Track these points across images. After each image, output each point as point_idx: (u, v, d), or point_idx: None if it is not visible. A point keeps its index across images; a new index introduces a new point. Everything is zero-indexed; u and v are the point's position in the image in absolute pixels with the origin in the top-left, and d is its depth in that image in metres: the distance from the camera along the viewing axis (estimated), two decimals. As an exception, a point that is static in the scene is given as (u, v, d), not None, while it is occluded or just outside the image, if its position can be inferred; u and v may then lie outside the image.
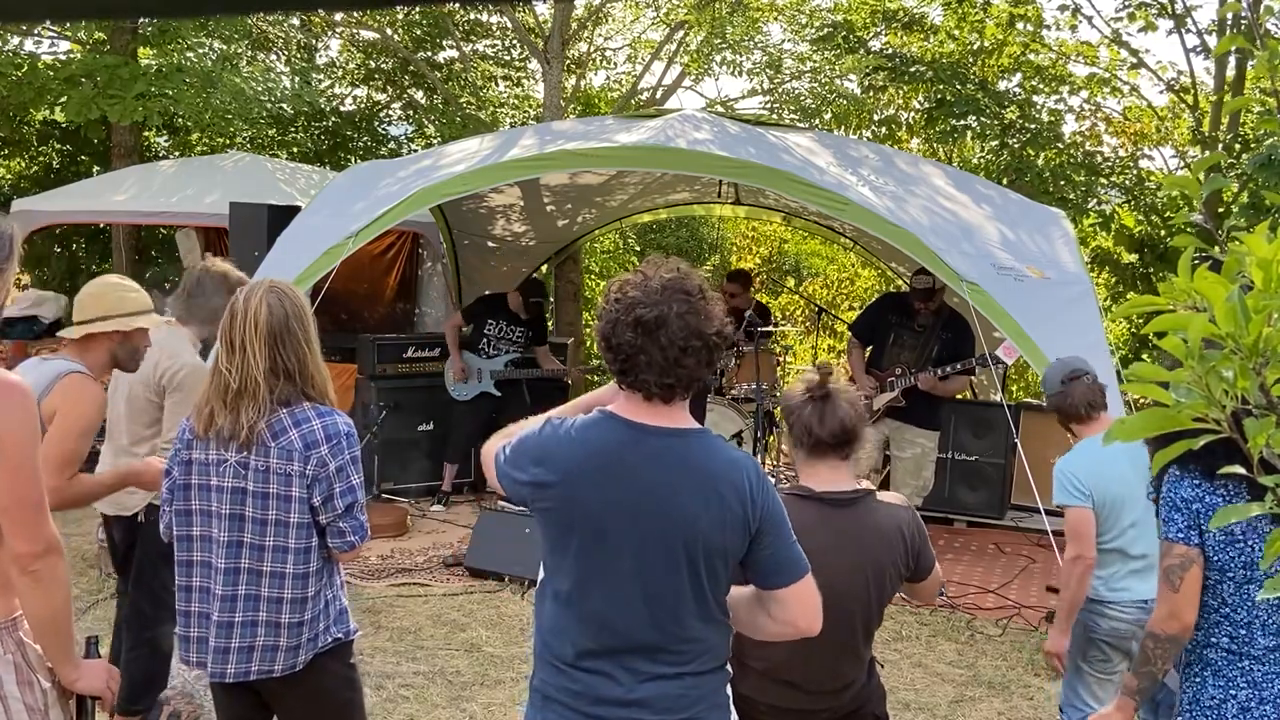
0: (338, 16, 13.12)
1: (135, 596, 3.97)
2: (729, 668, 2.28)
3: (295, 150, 13.72)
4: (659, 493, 2.12)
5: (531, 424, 2.27)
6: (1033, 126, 10.67)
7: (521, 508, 2.50)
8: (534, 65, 12.90)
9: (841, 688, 2.77)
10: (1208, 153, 10.26)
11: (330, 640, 2.77)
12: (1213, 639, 2.51)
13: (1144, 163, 11.66)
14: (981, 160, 11.60)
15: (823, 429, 2.63)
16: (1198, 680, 2.52)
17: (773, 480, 2.42)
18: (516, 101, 14.12)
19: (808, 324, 11.60)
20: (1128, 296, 2.78)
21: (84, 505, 3.50)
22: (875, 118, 12.62)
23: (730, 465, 2.16)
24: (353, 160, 13.56)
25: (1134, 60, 11.34)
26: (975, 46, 11.72)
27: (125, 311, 3.35)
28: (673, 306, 2.09)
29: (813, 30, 12.43)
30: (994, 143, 10.76)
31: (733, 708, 2.32)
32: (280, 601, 2.68)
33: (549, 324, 8.59)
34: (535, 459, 2.19)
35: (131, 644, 3.92)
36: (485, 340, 7.77)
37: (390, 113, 14.81)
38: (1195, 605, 2.47)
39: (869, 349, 6.91)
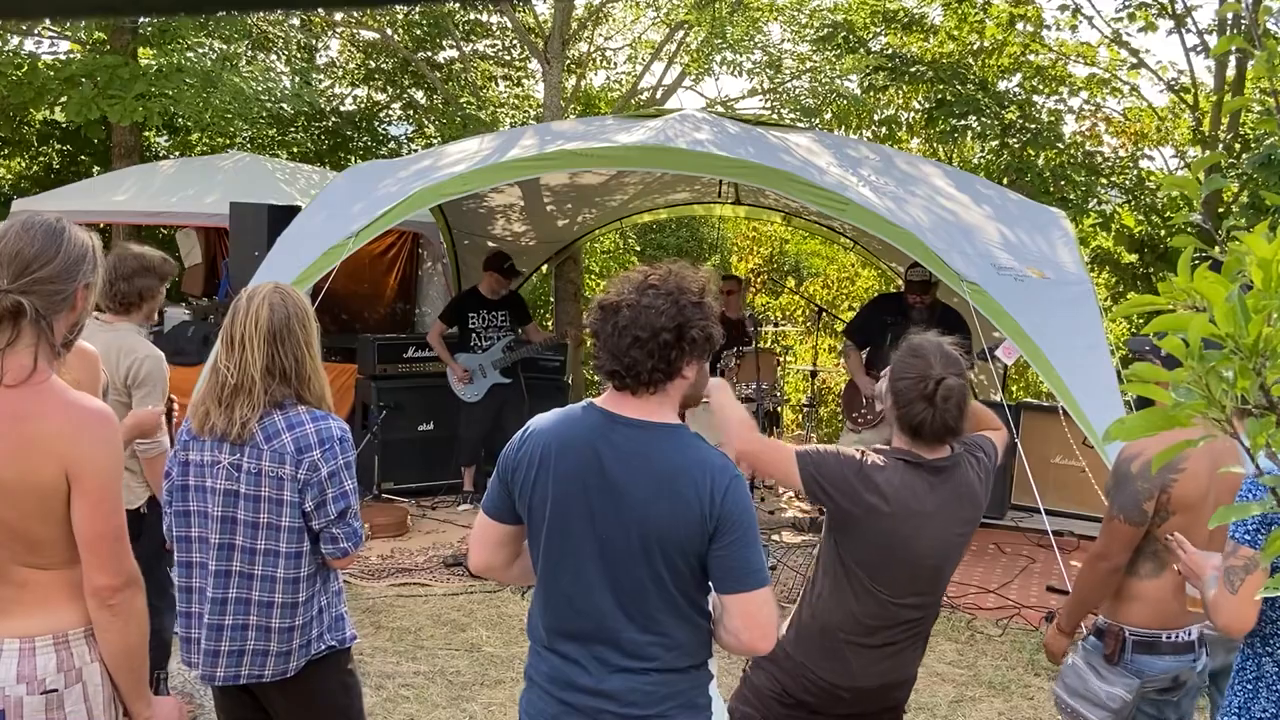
0: (338, 16, 13.13)
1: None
2: (711, 668, 2.28)
3: (295, 150, 13.73)
4: (616, 483, 2.15)
5: None
6: (1033, 127, 10.67)
7: None
8: (534, 65, 12.91)
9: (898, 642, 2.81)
10: (1208, 153, 10.27)
11: (324, 647, 2.75)
12: (1273, 650, 2.45)
13: (1144, 163, 11.67)
14: (981, 160, 11.61)
15: (934, 426, 2.66)
16: (1250, 689, 2.49)
17: (771, 481, 2.47)
18: (516, 101, 14.13)
19: (808, 324, 11.60)
20: (1128, 296, 2.78)
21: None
22: (875, 118, 12.62)
23: (696, 463, 2.16)
24: (353, 160, 13.56)
25: (1134, 60, 11.34)
26: (975, 47, 11.72)
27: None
28: (639, 299, 2.14)
29: (813, 30, 12.44)
30: (994, 143, 10.77)
31: (721, 710, 2.32)
32: (271, 605, 2.67)
33: (549, 324, 8.59)
34: (516, 452, 2.25)
35: None
36: (473, 335, 7.78)
37: (390, 113, 14.83)
38: (1256, 607, 2.41)
39: (865, 351, 6.91)
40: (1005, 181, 9.72)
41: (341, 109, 14.39)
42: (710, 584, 2.21)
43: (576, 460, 2.17)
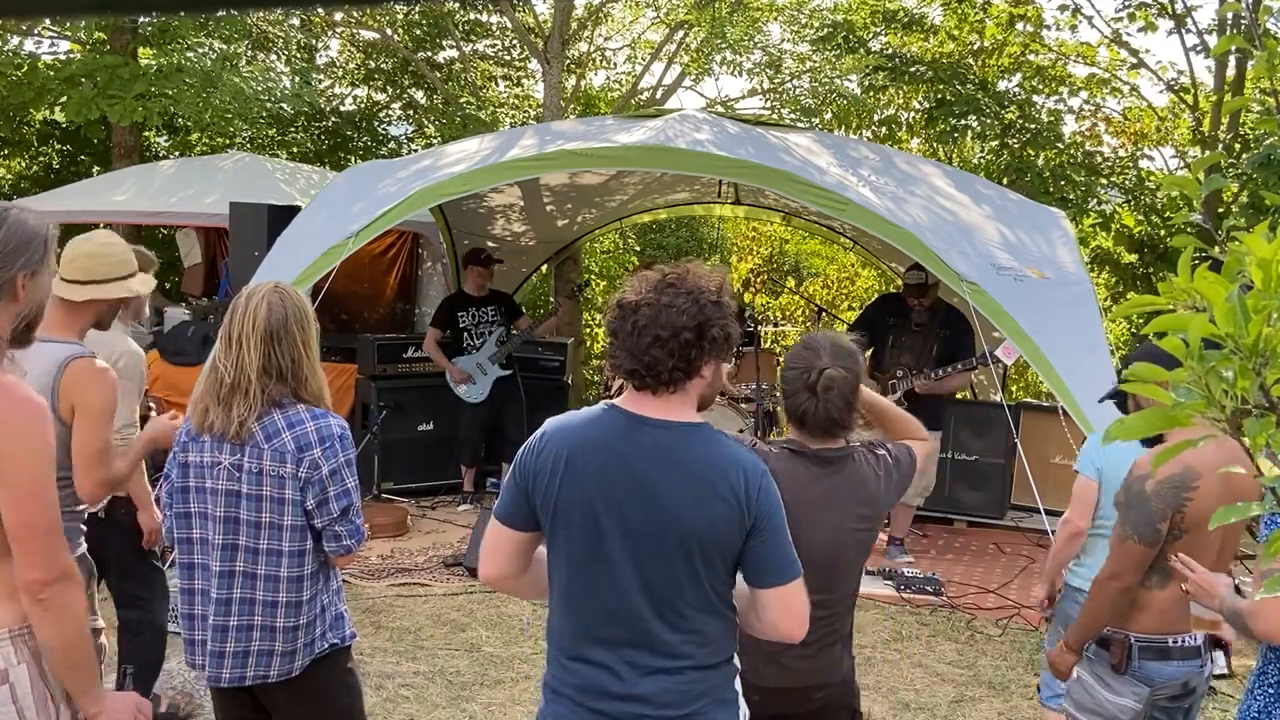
0: (338, 16, 13.12)
1: (126, 587, 3.98)
2: (736, 662, 2.28)
3: (295, 150, 13.72)
4: (649, 483, 2.13)
5: None
6: (1033, 127, 10.67)
7: None
8: (534, 65, 12.91)
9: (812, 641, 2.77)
10: (1208, 153, 10.26)
11: (326, 646, 2.76)
12: None
13: (1144, 163, 11.66)
14: (981, 160, 11.61)
15: (816, 416, 2.72)
16: (1271, 694, 2.48)
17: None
18: (516, 101, 14.12)
19: (808, 324, 11.60)
20: (1128, 296, 2.78)
21: (124, 486, 3.45)
22: (875, 118, 12.62)
23: (728, 461, 2.16)
24: (353, 160, 13.55)
25: (1134, 60, 11.34)
26: (975, 47, 11.72)
27: (121, 275, 3.30)
28: (658, 298, 2.14)
29: (812, 30, 12.44)
30: (994, 143, 10.77)
31: (743, 702, 2.32)
32: (275, 605, 2.67)
33: (548, 323, 8.59)
34: (535, 457, 2.22)
35: (136, 630, 3.96)
36: (465, 334, 7.80)
37: (390, 113, 14.82)
38: None
39: (869, 351, 6.91)
40: (1005, 181, 9.71)
41: (341, 109, 14.38)
42: (740, 577, 2.21)
43: (603, 462, 2.15)
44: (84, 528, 3.24)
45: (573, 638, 2.20)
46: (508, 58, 13.87)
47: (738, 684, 2.29)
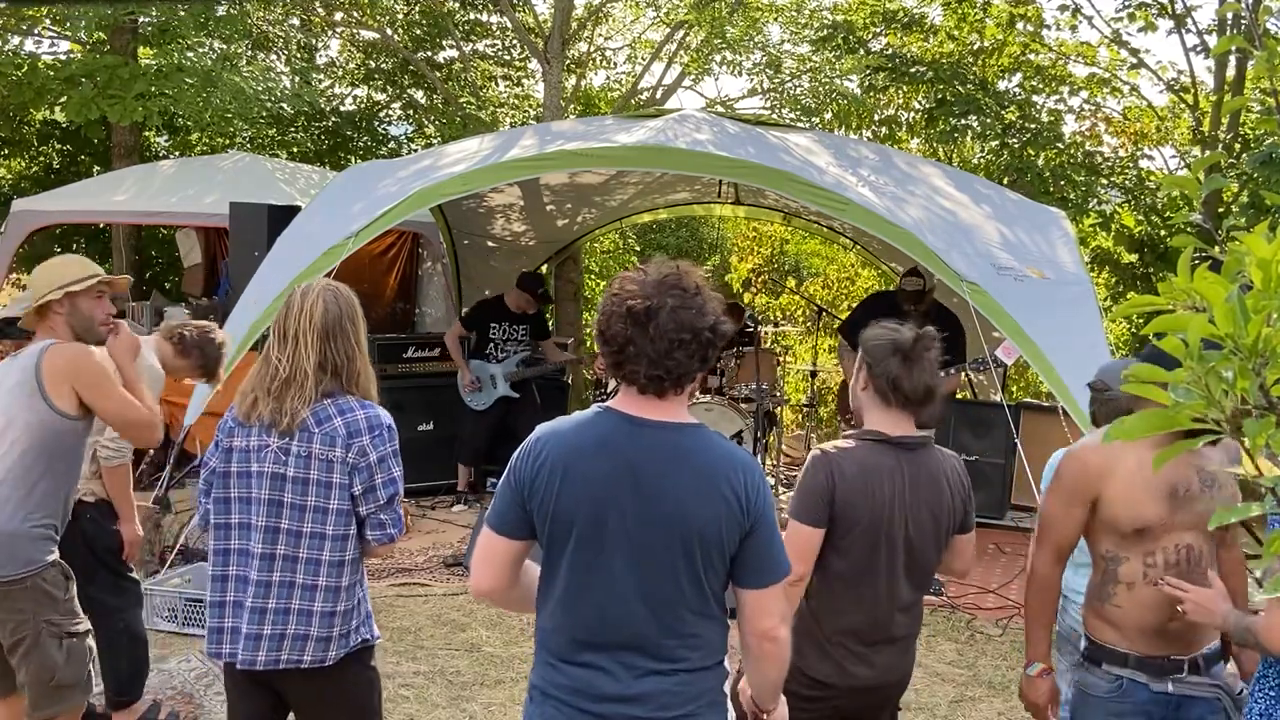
0: (337, 16, 13.12)
1: (94, 594, 3.93)
2: (726, 665, 2.28)
3: (295, 150, 13.72)
4: (653, 485, 2.12)
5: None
6: (1033, 127, 10.67)
7: None
8: (534, 65, 12.91)
9: (903, 638, 2.80)
10: (1208, 152, 10.27)
11: (359, 641, 2.81)
12: None
13: (1144, 163, 11.67)
14: (981, 160, 11.61)
15: (909, 387, 2.71)
16: (1272, 696, 2.47)
17: (771, 481, 2.47)
18: (516, 101, 14.12)
19: (808, 324, 11.60)
20: (1128, 296, 2.78)
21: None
22: (875, 118, 12.62)
23: (727, 460, 2.16)
24: (353, 160, 13.56)
25: (1134, 60, 11.35)
26: (975, 47, 11.72)
27: (67, 281, 3.38)
28: (666, 300, 2.11)
29: (812, 31, 12.44)
30: (994, 143, 10.77)
31: (730, 705, 2.32)
32: (315, 589, 2.71)
33: (564, 357, 8.58)
34: (532, 464, 2.19)
35: (108, 639, 3.90)
36: (492, 344, 7.81)
37: (390, 113, 14.82)
38: None
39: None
40: (1005, 181, 9.71)
41: (341, 109, 14.38)
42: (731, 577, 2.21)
43: (603, 467, 2.13)
44: (55, 534, 3.26)
45: (567, 641, 2.18)
46: (508, 58, 13.87)
47: (726, 686, 2.29)
